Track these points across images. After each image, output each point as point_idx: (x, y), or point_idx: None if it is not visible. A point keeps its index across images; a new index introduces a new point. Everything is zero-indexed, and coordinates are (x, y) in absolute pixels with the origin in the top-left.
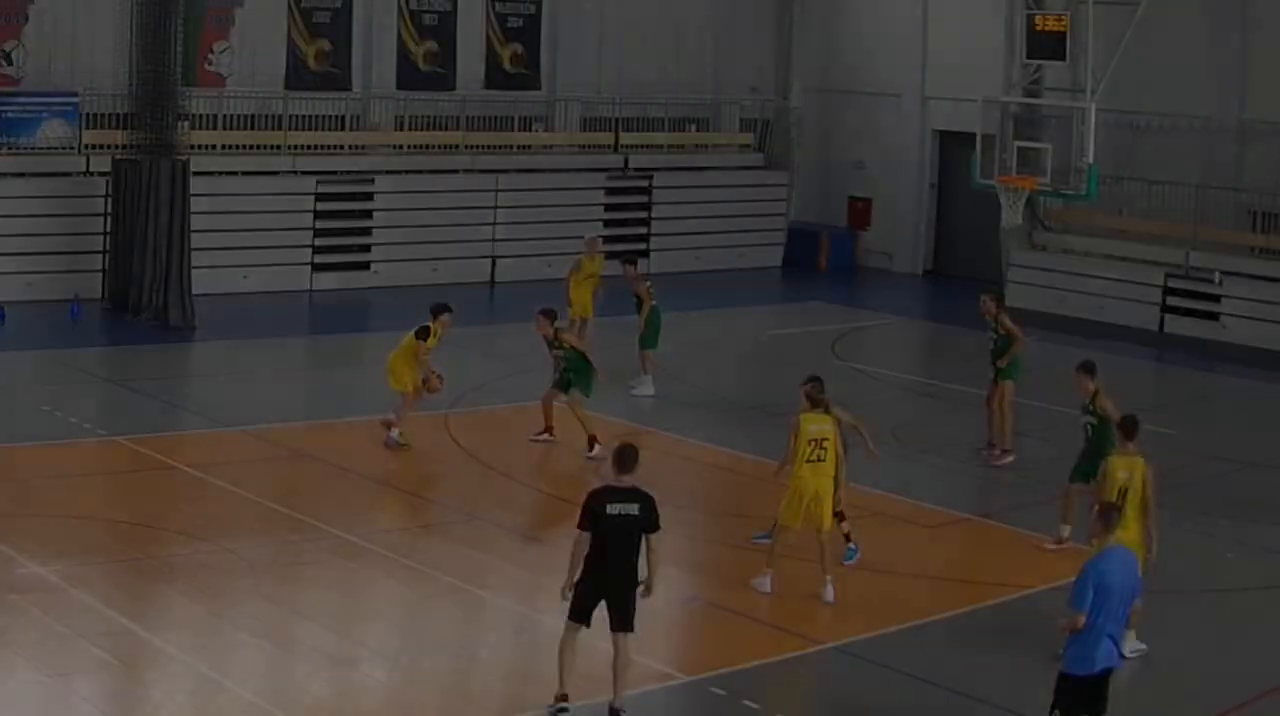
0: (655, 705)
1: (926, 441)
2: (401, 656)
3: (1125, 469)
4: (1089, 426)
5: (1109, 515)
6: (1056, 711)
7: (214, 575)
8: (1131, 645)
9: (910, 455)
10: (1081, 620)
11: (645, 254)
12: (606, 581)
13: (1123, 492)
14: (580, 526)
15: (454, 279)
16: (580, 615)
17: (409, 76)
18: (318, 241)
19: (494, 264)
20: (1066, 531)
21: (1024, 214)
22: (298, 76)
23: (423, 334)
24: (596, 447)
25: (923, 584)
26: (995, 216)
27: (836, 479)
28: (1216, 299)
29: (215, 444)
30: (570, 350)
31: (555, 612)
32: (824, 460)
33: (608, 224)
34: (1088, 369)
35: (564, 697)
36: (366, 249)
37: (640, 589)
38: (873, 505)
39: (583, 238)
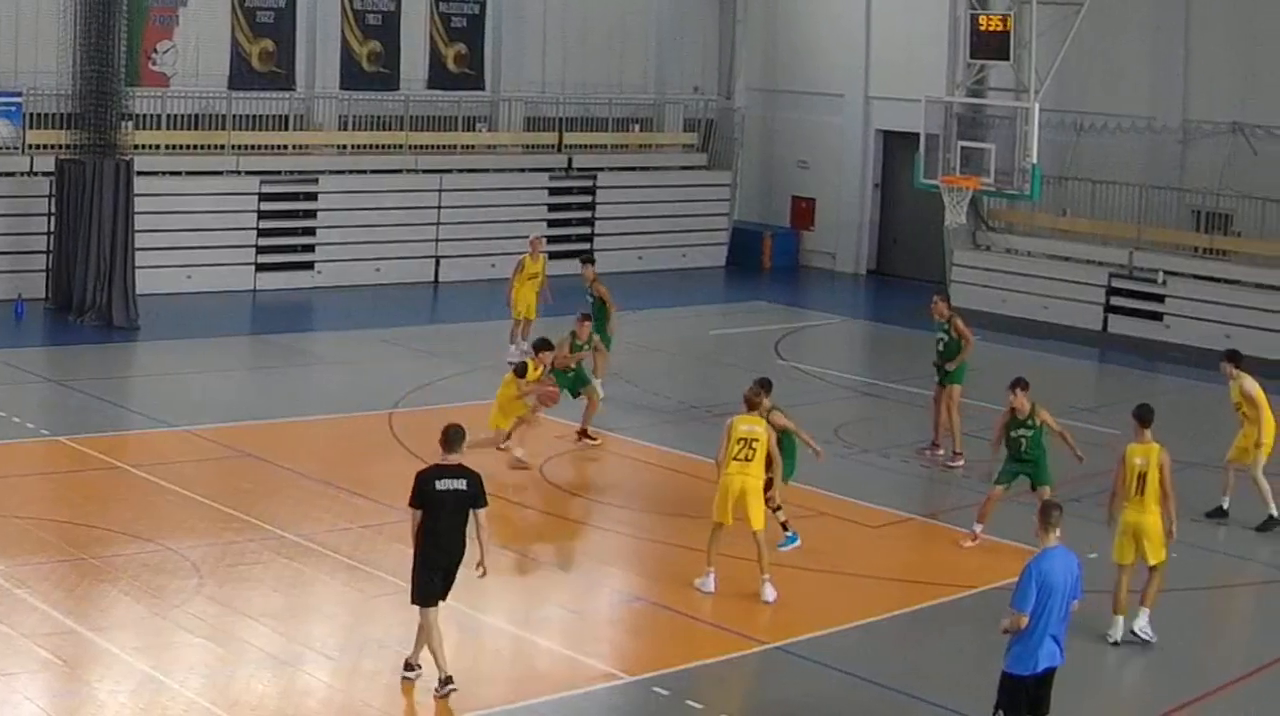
0: (599, 705)
1: (870, 441)
2: (344, 656)
3: (1141, 456)
4: (1023, 439)
5: (1049, 515)
6: (999, 711)
7: (157, 575)
8: (1141, 623)
9: (854, 455)
10: (1024, 620)
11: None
12: (440, 557)
13: (1140, 478)
14: (410, 504)
15: (398, 279)
16: (429, 600)
17: (353, 76)
18: (261, 241)
19: (438, 264)
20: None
21: (967, 214)
22: (241, 76)
23: (521, 371)
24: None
25: (866, 584)
26: (939, 216)
27: (772, 478)
28: (1160, 299)
29: (159, 444)
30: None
31: (498, 612)
32: (751, 459)
33: (551, 224)
34: (1022, 386)
35: (448, 680)
36: (310, 249)
37: (478, 572)
38: (817, 505)
39: (527, 238)
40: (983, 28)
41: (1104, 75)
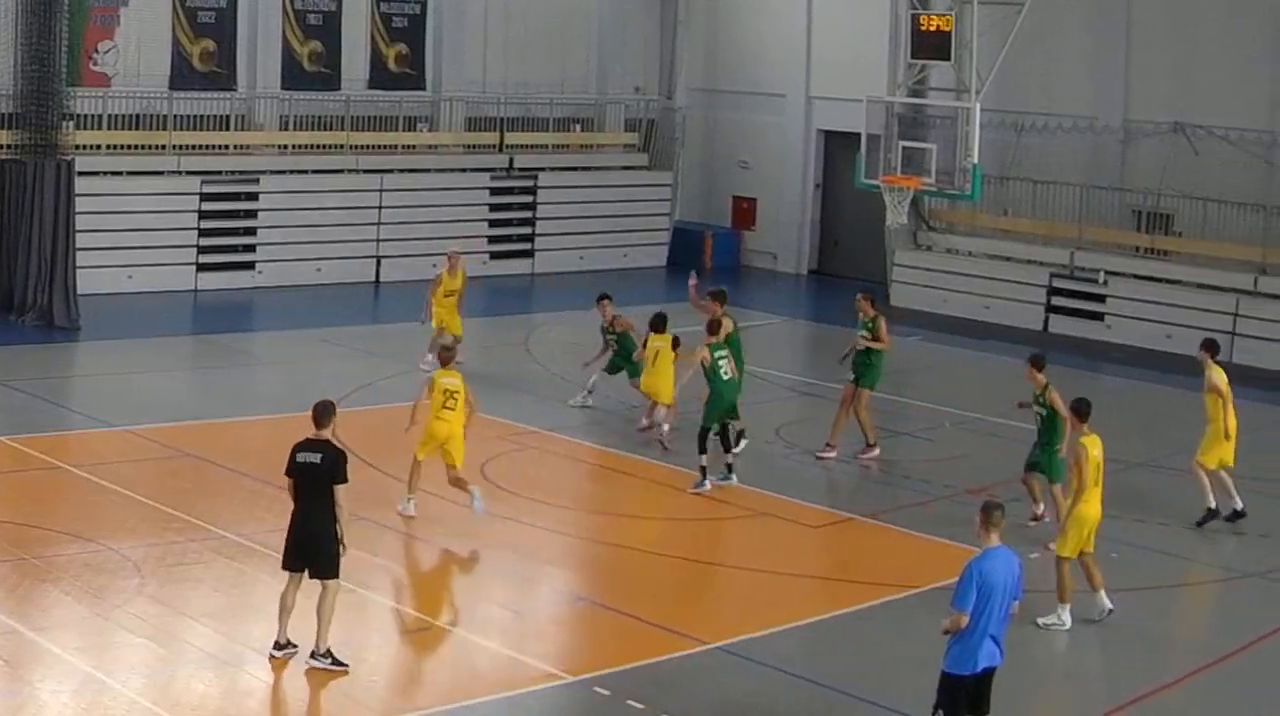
0: (538, 705)
1: (811, 441)
2: (286, 655)
3: (1098, 447)
4: (1039, 417)
5: (991, 515)
6: (940, 711)
7: (99, 575)
8: (1100, 605)
9: (794, 455)
10: (965, 620)
11: (530, 254)
12: (298, 527)
13: (1097, 470)
14: (285, 472)
15: (339, 279)
16: (288, 564)
17: (294, 76)
18: (202, 241)
19: (379, 264)
20: (1039, 508)
21: (908, 214)
22: (183, 76)
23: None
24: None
25: (807, 584)
26: (880, 216)
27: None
28: (1101, 299)
29: (100, 443)
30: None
31: (439, 613)
32: (454, 409)
33: (493, 224)
34: (1037, 363)
35: (282, 645)
36: (251, 249)
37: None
38: (757, 505)
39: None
40: (924, 28)
41: (1045, 75)
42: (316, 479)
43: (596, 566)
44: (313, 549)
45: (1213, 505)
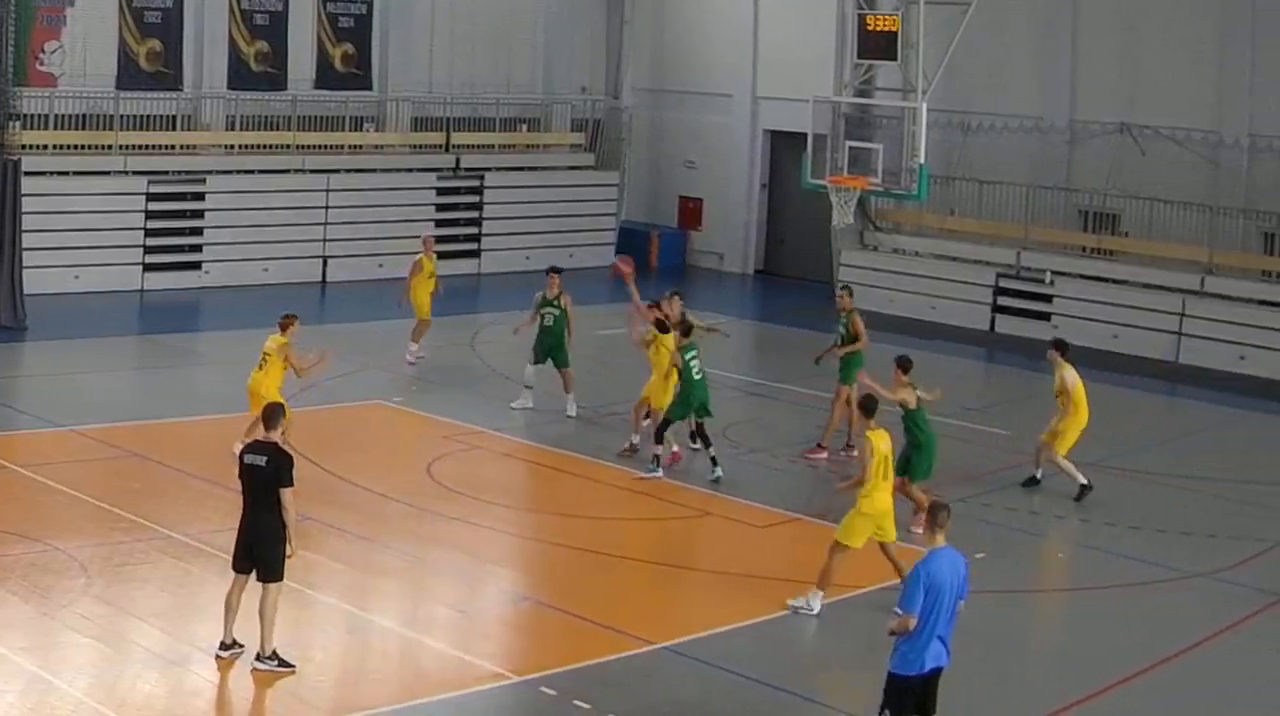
0: (485, 705)
1: (757, 441)
2: (232, 655)
3: (885, 441)
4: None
5: (937, 516)
6: (886, 711)
7: (45, 574)
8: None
9: (740, 455)
10: (912, 622)
11: (476, 254)
12: (246, 529)
13: (884, 462)
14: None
15: (286, 279)
16: (236, 565)
17: (240, 76)
18: (149, 241)
19: (325, 264)
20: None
21: (855, 214)
22: (129, 76)
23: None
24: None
25: (754, 584)
26: (826, 216)
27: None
28: (1048, 299)
29: (47, 443)
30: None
31: (386, 614)
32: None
33: (439, 224)
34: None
35: (228, 646)
36: (198, 249)
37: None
38: (704, 505)
39: (419, 237)
40: (870, 28)
41: (991, 75)
42: (262, 482)
43: (543, 566)
44: (259, 551)
45: (1084, 481)
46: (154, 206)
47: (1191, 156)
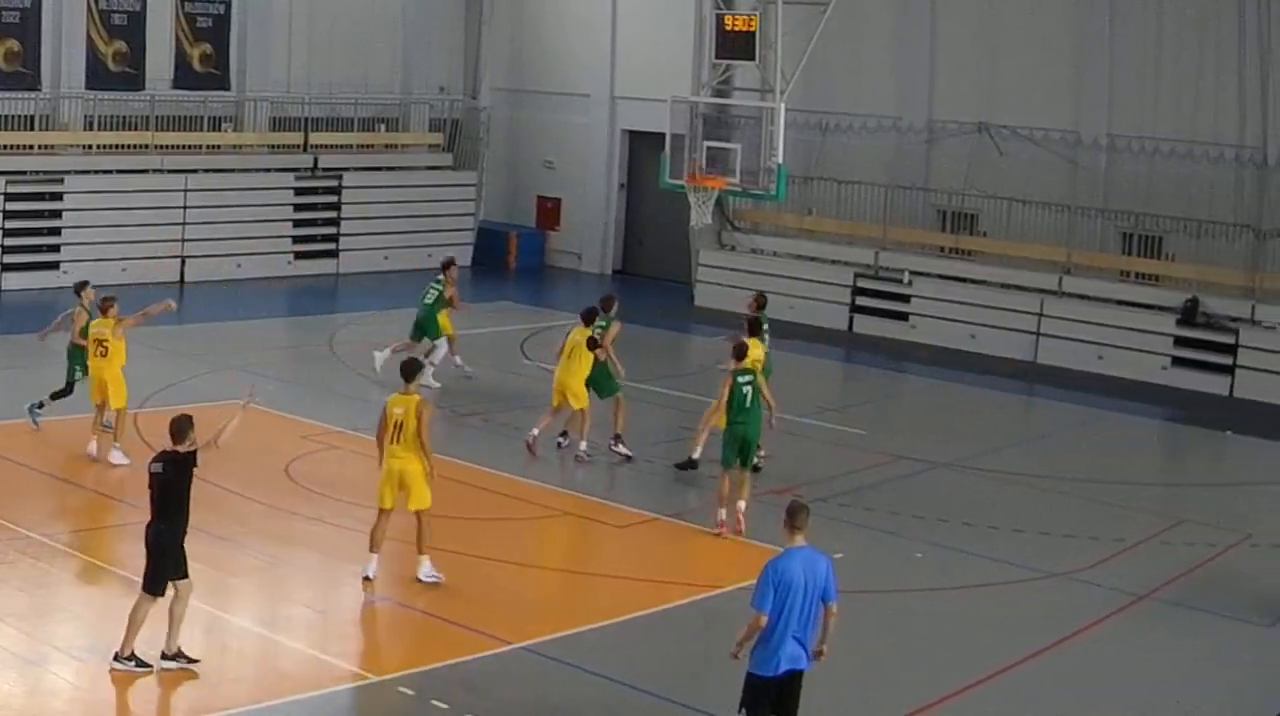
0: (343, 705)
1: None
2: (91, 656)
3: (401, 406)
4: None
5: (795, 516)
6: (744, 711)
7: None
8: (426, 571)
9: (599, 455)
10: (763, 620)
11: (335, 254)
12: (149, 530)
13: (398, 427)
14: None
15: (143, 278)
16: (157, 587)
17: (98, 76)
18: (7, 241)
19: (183, 264)
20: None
21: (713, 214)
22: None
23: (592, 345)
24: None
25: (612, 583)
26: (685, 216)
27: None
28: (906, 299)
29: None
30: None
31: (244, 614)
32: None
33: (297, 224)
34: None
35: (127, 658)
36: (56, 249)
37: None
38: (562, 505)
39: (443, 266)
40: (728, 28)
41: (850, 75)
42: (159, 486)
43: (400, 566)
44: (172, 555)
45: (696, 456)
46: (12, 206)
47: (1049, 156)
